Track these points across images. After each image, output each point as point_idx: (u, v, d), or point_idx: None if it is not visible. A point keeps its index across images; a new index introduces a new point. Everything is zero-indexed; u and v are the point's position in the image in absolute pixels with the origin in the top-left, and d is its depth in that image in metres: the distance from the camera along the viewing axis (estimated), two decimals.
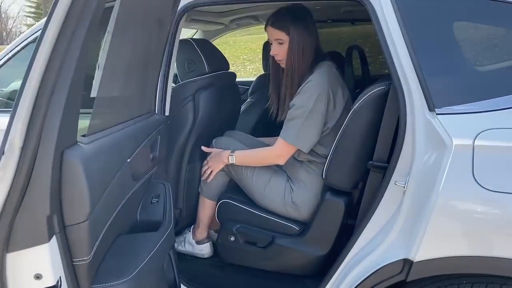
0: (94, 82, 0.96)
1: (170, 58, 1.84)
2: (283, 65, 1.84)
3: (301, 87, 1.75)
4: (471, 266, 1.28)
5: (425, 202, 1.30)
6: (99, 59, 0.98)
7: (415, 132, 1.40)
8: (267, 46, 2.97)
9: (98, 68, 0.98)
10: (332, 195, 1.73)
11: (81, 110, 0.98)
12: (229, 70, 2.28)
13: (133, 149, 1.19)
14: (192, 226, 2.18)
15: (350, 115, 1.61)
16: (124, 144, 1.13)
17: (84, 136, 0.92)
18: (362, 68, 3.08)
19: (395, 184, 1.45)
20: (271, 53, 1.82)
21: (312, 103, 1.70)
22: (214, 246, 2.12)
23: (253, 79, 3.10)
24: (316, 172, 1.82)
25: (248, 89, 3.52)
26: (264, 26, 1.91)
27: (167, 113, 1.87)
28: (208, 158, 2.01)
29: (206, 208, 2.08)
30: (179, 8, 1.79)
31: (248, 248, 1.91)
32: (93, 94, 0.95)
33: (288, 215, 1.86)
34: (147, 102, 1.50)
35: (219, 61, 2.17)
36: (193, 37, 3.27)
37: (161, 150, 1.60)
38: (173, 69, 1.89)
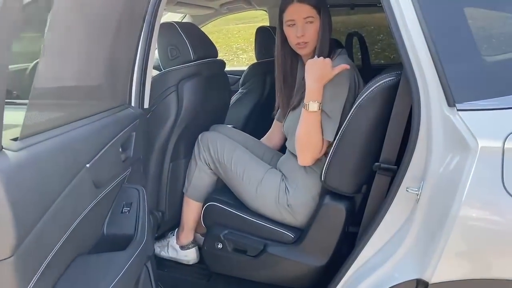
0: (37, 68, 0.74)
1: (150, 43, 1.61)
2: (304, 49, 1.61)
3: None
4: None
5: (444, 213, 1.11)
6: (44, 39, 0.76)
7: (432, 131, 1.20)
8: (262, 33, 2.74)
9: (43, 49, 0.76)
10: (332, 199, 1.54)
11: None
12: (219, 58, 2.04)
13: (96, 151, 0.97)
14: (176, 230, 1.98)
15: (354, 109, 1.40)
16: (81, 145, 0.91)
17: (15, 140, 0.71)
18: (362, 57, 2.87)
19: (407, 190, 1.25)
20: (299, 34, 1.57)
21: (345, 95, 1.51)
22: (200, 251, 1.92)
23: (245, 68, 2.88)
24: (316, 172, 1.62)
25: (239, 79, 3.31)
26: (254, 10, 1.69)
27: (146, 105, 1.65)
28: (321, 65, 1.45)
29: (192, 210, 1.88)
30: None
31: (237, 257, 1.71)
32: (35, 83, 0.73)
33: (282, 220, 1.67)
34: (118, 93, 1.29)
35: (206, 47, 1.94)
36: (178, 21, 3.04)
37: (136, 149, 1.38)
38: (154, 55, 1.67)
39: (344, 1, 2.90)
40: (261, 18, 4.08)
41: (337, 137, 1.46)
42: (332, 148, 1.47)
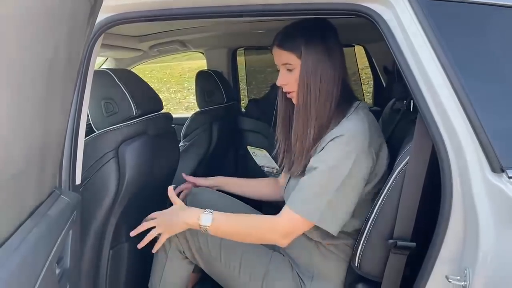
0: None
1: (82, 98, 1.21)
2: (294, 100, 1.27)
3: (326, 140, 1.17)
4: None
5: None
6: None
7: (474, 203, 0.95)
8: (203, 77, 2.42)
9: None
10: (367, 287, 1.21)
11: None
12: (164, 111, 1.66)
13: None
14: None
15: (399, 173, 1.12)
16: None
17: None
18: None
19: (449, 281, 0.98)
20: (278, 83, 1.27)
21: (348, 168, 1.13)
22: None
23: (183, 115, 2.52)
24: (336, 255, 1.28)
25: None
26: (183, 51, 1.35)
27: (78, 181, 1.23)
28: (161, 212, 1.30)
29: None
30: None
31: None
32: None
33: None
34: (47, 177, 0.87)
35: (150, 98, 1.56)
36: (112, 68, 2.61)
37: (74, 251, 0.96)
38: (86, 113, 1.26)
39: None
40: (171, 57, 3.66)
41: (375, 211, 1.15)
42: (369, 225, 1.16)
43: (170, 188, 1.32)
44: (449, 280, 0.97)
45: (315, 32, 1.25)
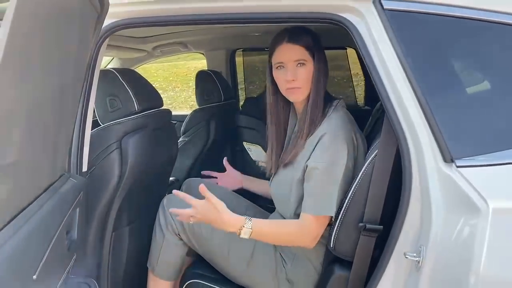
0: None
1: (89, 94, 1.36)
2: (296, 95, 1.39)
3: (315, 139, 1.33)
4: None
5: (459, 286, 0.98)
6: None
7: (429, 190, 1.09)
8: (203, 77, 2.57)
9: None
10: (342, 267, 1.34)
11: None
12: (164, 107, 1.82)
13: (42, 251, 0.71)
14: None
15: (369, 163, 1.26)
16: (24, 250, 0.65)
17: None
18: None
19: (406, 257, 1.12)
20: (289, 78, 1.36)
21: (344, 160, 1.29)
22: None
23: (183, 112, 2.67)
24: None
25: (175, 124, 3.07)
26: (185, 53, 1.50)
27: (84, 168, 1.38)
28: (201, 206, 1.30)
29: None
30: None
31: None
32: None
33: None
34: (59, 159, 1.02)
35: (151, 96, 1.71)
36: (116, 67, 2.77)
37: (80, 228, 1.11)
38: (92, 108, 1.41)
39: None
40: (177, 57, 3.81)
41: (348, 197, 1.28)
42: (343, 210, 1.29)
43: (202, 186, 1.31)
44: (406, 256, 1.11)
45: (317, 33, 1.43)
